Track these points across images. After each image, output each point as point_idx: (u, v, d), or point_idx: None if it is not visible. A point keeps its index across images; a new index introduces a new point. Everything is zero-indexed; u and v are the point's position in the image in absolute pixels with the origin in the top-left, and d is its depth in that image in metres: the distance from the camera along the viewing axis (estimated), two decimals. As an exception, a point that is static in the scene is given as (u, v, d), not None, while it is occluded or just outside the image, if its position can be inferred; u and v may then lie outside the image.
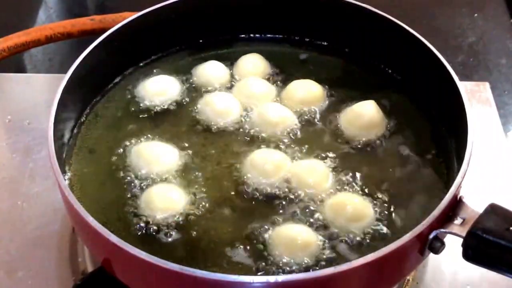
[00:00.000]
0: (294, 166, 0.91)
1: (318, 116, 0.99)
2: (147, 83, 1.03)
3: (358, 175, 0.91)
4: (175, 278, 0.74)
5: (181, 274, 0.72)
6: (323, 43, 1.12)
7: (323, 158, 0.93)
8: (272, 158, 0.92)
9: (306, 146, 0.95)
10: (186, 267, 0.73)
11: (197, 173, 0.92)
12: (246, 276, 0.78)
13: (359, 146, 0.95)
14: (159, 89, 1.02)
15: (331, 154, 0.94)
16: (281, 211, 0.87)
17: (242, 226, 0.86)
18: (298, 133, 0.97)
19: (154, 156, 0.93)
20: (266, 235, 0.84)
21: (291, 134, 0.96)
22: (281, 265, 0.81)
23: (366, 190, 0.90)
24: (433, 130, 0.99)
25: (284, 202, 0.88)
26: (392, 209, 0.88)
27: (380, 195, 0.90)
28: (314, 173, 0.90)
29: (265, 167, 0.90)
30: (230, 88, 1.04)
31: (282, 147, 0.95)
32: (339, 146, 0.95)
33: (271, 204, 0.88)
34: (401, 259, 0.80)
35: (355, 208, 0.86)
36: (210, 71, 1.05)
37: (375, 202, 0.89)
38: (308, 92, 1.01)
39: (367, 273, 0.77)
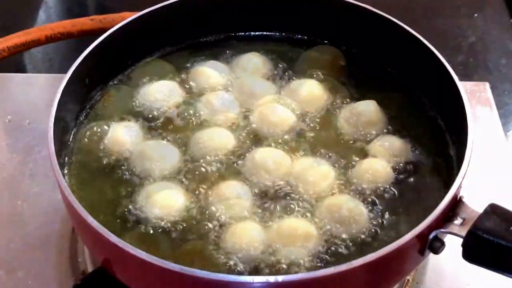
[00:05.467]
0: (294, 165, 0.91)
1: (318, 115, 0.99)
2: (147, 88, 1.03)
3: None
4: (175, 278, 0.74)
5: (181, 274, 0.72)
6: (324, 41, 1.12)
7: (323, 157, 0.93)
8: (273, 156, 0.92)
9: (306, 145, 0.95)
10: (186, 267, 0.73)
11: (197, 172, 0.92)
12: (246, 276, 0.78)
13: (359, 145, 0.95)
14: (159, 93, 1.02)
15: (330, 154, 0.94)
16: (281, 209, 0.87)
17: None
18: (298, 132, 0.97)
19: (155, 155, 0.93)
20: (266, 232, 0.85)
21: (291, 134, 0.96)
22: (282, 261, 0.82)
23: (366, 189, 0.90)
24: (433, 130, 0.99)
25: (284, 201, 0.88)
26: (391, 209, 0.89)
27: (379, 195, 0.90)
28: (314, 172, 0.90)
29: (266, 166, 0.91)
30: (229, 87, 1.04)
31: (282, 146, 0.94)
32: (339, 145, 0.95)
33: (272, 202, 0.88)
34: (401, 259, 0.80)
35: (351, 211, 0.86)
36: (209, 71, 1.05)
37: (374, 201, 0.89)
38: (308, 91, 1.01)
39: (367, 273, 0.77)
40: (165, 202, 0.87)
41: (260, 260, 0.83)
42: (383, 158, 0.93)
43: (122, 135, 0.95)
